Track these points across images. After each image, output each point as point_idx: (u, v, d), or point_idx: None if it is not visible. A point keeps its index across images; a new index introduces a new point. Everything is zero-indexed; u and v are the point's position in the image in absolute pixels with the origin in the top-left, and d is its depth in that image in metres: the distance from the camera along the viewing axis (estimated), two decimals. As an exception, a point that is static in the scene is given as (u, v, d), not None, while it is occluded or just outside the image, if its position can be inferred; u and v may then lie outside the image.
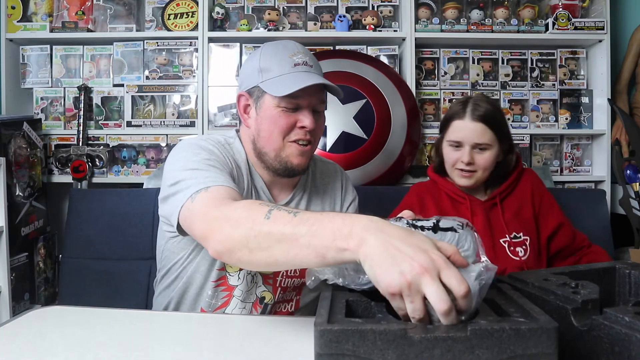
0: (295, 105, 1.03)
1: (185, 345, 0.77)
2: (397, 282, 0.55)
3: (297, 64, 1.03)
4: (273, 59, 1.04)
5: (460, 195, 1.36)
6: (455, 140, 1.33)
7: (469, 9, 2.25)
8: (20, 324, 0.87)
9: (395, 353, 0.52)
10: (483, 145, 1.31)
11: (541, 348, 0.52)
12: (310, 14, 2.26)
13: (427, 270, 0.54)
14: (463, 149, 1.32)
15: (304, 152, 1.05)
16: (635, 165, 2.04)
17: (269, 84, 1.03)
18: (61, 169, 2.15)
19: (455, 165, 1.34)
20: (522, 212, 1.36)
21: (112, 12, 2.22)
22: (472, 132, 1.30)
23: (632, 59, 2.32)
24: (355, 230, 0.61)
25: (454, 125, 1.34)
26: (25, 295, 1.95)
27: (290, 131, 1.04)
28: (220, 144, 1.07)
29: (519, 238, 1.33)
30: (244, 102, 1.10)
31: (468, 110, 1.32)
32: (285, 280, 1.10)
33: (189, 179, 0.91)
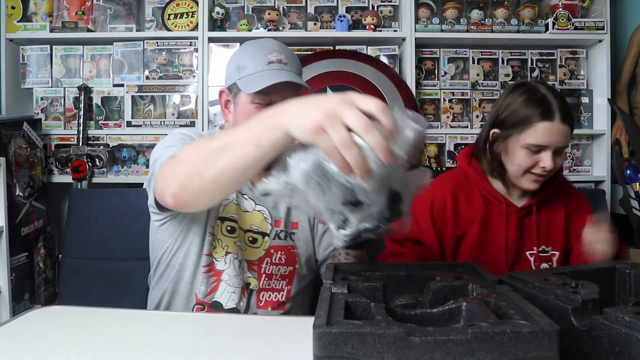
0: (268, 101, 1.06)
1: (184, 345, 0.77)
2: (316, 116, 0.58)
3: (271, 61, 1.07)
4: (250, 57, 1.10)
5: (496, 197, 1.22)
6: (539, 145, 1.14)
7: (469, 9, 2.25)
8: (20, 324, 0.87)
9: (395, 356, 0.52)
10: (563, 147, 1.16)
11: (542, 351, 0.52)
12: (310, 14, 2.26)
13: (343, 101, 0.58)
14: (544, 153, 1.14)
15: None
16: (635, 165, 2.04)
17: (243, 81, 1.07)
18: (61, 169, 2.15)
19: (532, 170, 1.16)
20: (554, 225, 1.25)
21: (112, 12, 2.22)
22: (560, 135, 1.13)
23: (632, 59, 2.32)
24: (280, 109, 0.65)
25: (539, 128, 1.13)
26: (25, 295, 1.95)
27: None
28: (202, 135, 1.12)
29: (547, 253, 1.23)
30: (224, 98, 1.15)
31: (556, 109, 1.13)
32: (270, 267, 1.13)
33: (162, 157, 0.97)
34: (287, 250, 1.14)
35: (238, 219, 1.11)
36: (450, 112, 2.27)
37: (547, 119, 1.12)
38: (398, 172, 0.66)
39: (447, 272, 0.79)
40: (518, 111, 1.16)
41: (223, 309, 1.09)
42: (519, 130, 1.15)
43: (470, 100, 2.27)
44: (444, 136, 2.23)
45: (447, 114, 2.26)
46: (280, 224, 1.14)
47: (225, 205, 1.11)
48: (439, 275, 0.77)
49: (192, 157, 0.78)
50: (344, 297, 0.65)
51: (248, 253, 1.12)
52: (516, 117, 1.16)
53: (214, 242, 1.10)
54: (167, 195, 0.82)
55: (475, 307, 0.61)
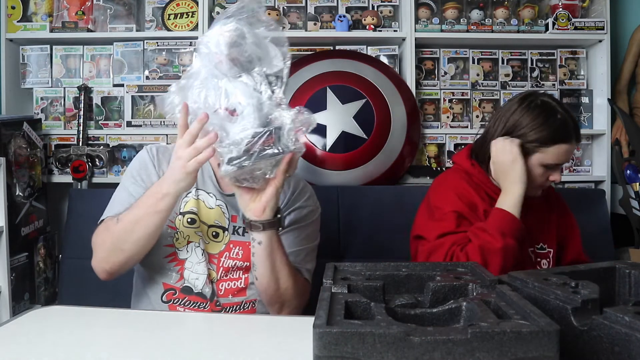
0: None
1: (184, 345, 0.77)
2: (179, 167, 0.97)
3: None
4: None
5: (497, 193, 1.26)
6: (557, 164, 1.23)
7: (469, 9, 2.24)
8: (20, 324, 0.87)
9: (395, 355, 0.52)
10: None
11: (542, 351, 0.52)
12: (310, 14, 2.26)
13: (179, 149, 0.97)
14: (556, 168, 1.24)
15: None
16: (635, 165, 2.04)
17: None
18: (61, 169, 2.15)
19: (543, 184, 1.26)
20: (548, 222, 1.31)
21: (112, 12, 2.22)
22: (573, 152, 1.26)
23: (632, 59, 2.32)
24: (160, 182, 1.01)
25: (561, 149, 1.21)
26: (25, 295, 1.95)
27: None
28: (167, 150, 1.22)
29: (544, 250, 1.28)
30: None
31: (572, 130, 1.21)
32: (227, 261, 1.17)
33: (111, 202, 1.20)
34: (244, 246, 1.16)
35: (198, 212, 1.16)
36: (450, 112, 2.27)
37: (566, 142, 1.20)
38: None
39: (447, 272, 0.79)
40: (540, 131, 1.20)
41: (194, 293, 1.13)
42: (539, 149, 1.21)
43: (470, 100, 2.27)
44: (444, 136, 2.23)
45: (447, 114, 2.26)
46: (236, 219, 1.17)
47: (186, 202, 1.17)
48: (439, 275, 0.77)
49: (111, 238, 1.04)
50: (344, 297, 0.65)
51: (210, 246, 1.16)
52: (537, 136, 1.20)
53: (176, 234, 1.15)
54: (100, 273, 1.10)
55: (475, 307, 0.61)
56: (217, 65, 0.89)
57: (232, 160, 0.87)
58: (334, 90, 2.00)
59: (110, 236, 1.06)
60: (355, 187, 1.91)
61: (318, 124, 1.97)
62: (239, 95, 0.87)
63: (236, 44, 0.89)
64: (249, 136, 0.86)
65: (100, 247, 1.09)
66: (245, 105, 0.86)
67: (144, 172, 1.19)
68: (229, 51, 0.88)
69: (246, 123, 0.86)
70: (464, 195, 1.24)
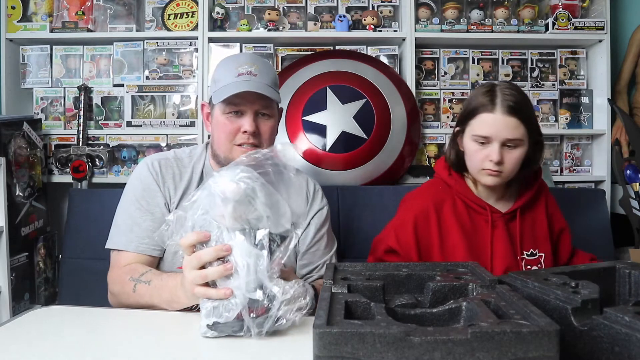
0: (237, 110, 1.13)
1: (185, 345, 0.77)
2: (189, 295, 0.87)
3: (241, 73, 1.13)
4: (223, 70, 1.16)
5: (480, 205, 1.23)
6: (483, 136, 1.17)
7: (469, 9, 2.25)
8: (20, 324, 0.87)
9: (395, 355, 0.52)
10: (514, 141, 1.15)
11: (542, 351, 0.52)
12: (310, 14, 2.26)
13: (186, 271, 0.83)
14: (491, 145, 1.16)
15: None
16: (635, 165, 2.04)
17: (215, 94, 1.14)
18: (61, 169, 2.15)
19: (482, 164, 1.18)
20: (537, 227, 1.26)
21: (112, 12, 2.22)
22: (503, 126, 1.15)
23: (632, 59, 2.32)
24: (174, 299, 0.93)
25: (481, 119, 1.17)
26: (25, 295, 1.95)
27: (235, 135, 1.14)
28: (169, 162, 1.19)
29: (535, 255, 1.24)
30: (206, 111, 1.24)
31: (498, 101, 1.15)
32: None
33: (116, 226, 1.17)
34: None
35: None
36: (450, 112, 2.27)
37: (487, 111, 1.16)
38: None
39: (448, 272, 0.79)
40: (469, 105, 1.22)
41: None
42: (467, 123, 1.21)
43: (470, 100, 2.27)
44: (444, 136, 2.23)
45: (447, 114, 2.26)
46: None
47: None
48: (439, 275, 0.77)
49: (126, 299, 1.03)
50: (344, 297, 0.65)
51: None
52: (467, 110, 1.22)
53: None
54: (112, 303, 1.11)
55: (475, 307, 0.61)
56: (218, 218, 0.80)
57: (217, 326, 0.78)
58: (334, 90, 2.00)
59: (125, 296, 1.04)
60: (355, 187, 1.91)
61: (318, 124, 1.98)
62: (236, 253, 0.78)
63: (244, 202, 0.79)
64: (241, 304, 0.76)
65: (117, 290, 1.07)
66: (241, 267, 0.77)
67: (148, 195, 1.15)
68: (234, 208, 0.78)
69: (240, 283, 0.77)
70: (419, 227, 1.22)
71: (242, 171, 0.80)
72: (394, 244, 1.24)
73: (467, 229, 1.22)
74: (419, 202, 1.27)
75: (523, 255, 1.23)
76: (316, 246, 1.24)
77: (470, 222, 1.23)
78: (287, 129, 1.99)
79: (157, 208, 1.14)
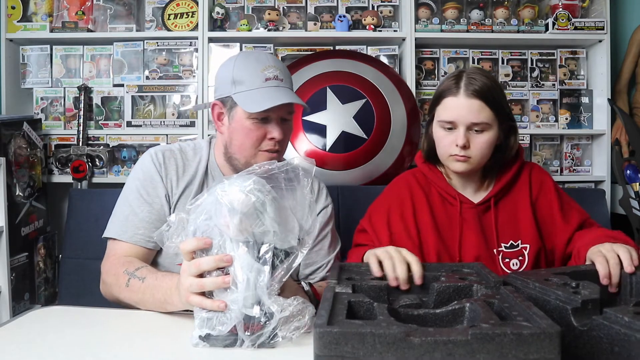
0: (264, 116, 1.10)
1: (185, 345, 0.77)
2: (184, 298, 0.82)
3: (268, 78, 1.09)
4: (245, 71, 1.10)
5: (452, 195, 1.21)
6: (447, 121, 1.14)
7: (469, 9, 2.24)
8: (20, 324, 0.87)
9: (395, 356, 0.52)
10: (480, 125, 1.12)
11: (543, 353, 0.52)
12: (310, 14, 2.26)
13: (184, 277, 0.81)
14: (457, 130, 1.13)
15: (272, 158, 1.12)
16: (635, 165, 2.04)
17: (241, 97, 1.09)
18: (61, 169, 2.15)
19: (449, 150, 1.15)
20: (520, 215, 1.20)
21: (112, 12, 2.22)
22: (467, 110, 1.11)
23: (632, 59, 2.32)
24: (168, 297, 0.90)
25: (445, 103, 1.15)
26: (25, 295, 1.95)
27: (262, 142, 1.13)
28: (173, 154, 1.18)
29: (516, 247, 1.17)
30: (217, 111, 1.18)
31: (462, 84, 1.13)
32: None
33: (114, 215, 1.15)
34: None
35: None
36: (450, 112, 2.26)
37: (451, 94, 1.13)
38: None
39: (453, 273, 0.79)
40: (436, 92, 1.20)
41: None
42: (434, 109, 1.19)
43: (470, 100, 2.27)
44: (444, 136, 2.23)
45: (447, 114, 2.26)
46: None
47: None
48: (444, 275, 0.77)
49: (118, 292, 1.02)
50: (348, 297, 0.65)
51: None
52: (434, 98, 1.20)
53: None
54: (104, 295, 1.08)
55: (478, 308, 0.61)
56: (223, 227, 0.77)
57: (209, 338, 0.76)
58: (334, 90, 2.00)
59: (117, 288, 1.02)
60: (355, 187, 1.90)
61: (318, 124, 1.98)
62: (237, 266, 0.75)
63: (251, 215, 0.76)
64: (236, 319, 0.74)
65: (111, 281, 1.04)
66: (240, 281, 0.75)
67: (150, 186, 1.13)
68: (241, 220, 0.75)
69: (237, 298, 0.75)
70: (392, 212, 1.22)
71: (254, 182, 0.77)
72: (367, 224, 1.25)
73: (440, 219, 1.20)
74: (395, 189, 1.28)
75: (501, 247, 1.17)
76: (319, 245, 1.23)
77: (443, 212, 1.21)
78: (287, 129, 1.99)
79: (157, 199, 1.13)
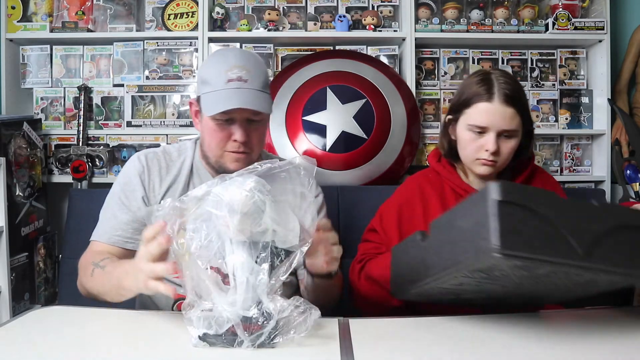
0: (228, 117, 1.09)
1: (185, 345, 0.77)
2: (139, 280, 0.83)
3: (231, 79, 1.07)
4: (211, 72, 1.11)
5: (467, 191, 1.21)
6: (479, 125, 1.14)
7: (469, 9, 2.24)
8: (20, 324, 0.87)
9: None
10: (510, 131, 1.14)
11: None
12: (310, 14, 2.26)
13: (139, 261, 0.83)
14: (487, 135, 1.14)
15: (240, 158, 1.13)
16: (635, 165, 2.04)
17: (205, 99, 1.10)
18: (61, 169, 2.15)
19: (476, 154, 1.17)
20: None
21: (112, 12, 2.22)
22: (501, 117, 1.13)
23: (632, 59, 2.32)
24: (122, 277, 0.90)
25: (478, 108, 1.15)
26: (25, 295, 1.95)
27: (226, 142, 1.12)
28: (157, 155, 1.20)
29: None
30: (194, 109, 1.19)
31: (495, 90, 1.13)
32: None
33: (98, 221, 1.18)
34: None
35: None
36: (450, 112, 2.27)
37: (486, 100, 1.13)
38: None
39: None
40: (464, 93, 1.19)
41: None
42: (462, 112, 1.18)
43: (470, 100, 2.27)
44: (444, 136, 2.23)
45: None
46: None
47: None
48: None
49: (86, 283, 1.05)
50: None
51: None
52: (462, 98, 1.19)
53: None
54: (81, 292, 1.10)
55: None
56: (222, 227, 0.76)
57: (207, 337, 0.75)
58: (334, 90, 2.00)
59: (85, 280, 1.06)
60: (355, 187, 1.90)
61: (318, 123, 1.98)
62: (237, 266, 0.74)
63: (252, 216, 0.76)
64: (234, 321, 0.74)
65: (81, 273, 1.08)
66: (239, 282, 0.74)
67: (128, 189, 1.16)
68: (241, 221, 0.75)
69: (236, 298, 0.74)
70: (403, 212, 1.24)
71: (254, 182, 0.77)
72: (377, 224, 1.27)
73: None
74: (405, 189, 1.30)
75: None
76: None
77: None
78: (287, 129, 1.99)
79: (135, 202, 1.15)
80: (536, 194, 0.72)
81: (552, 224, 0.68)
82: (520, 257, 0.65)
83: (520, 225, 0.66)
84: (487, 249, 0.65)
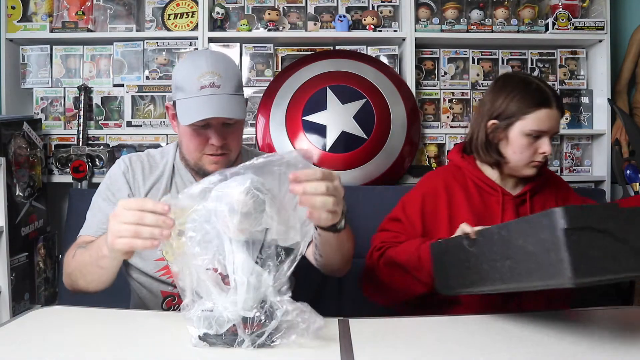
0: (204, 124, 1.09)
1: (185, 345, 0.77)
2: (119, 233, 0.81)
3: (204, 86, 1.07)
4: (184, 78, 1.10)
5: (492, 187, 1.26)
6: (541, 130, 1.20)
7: (469, 9, 2.24)
8: (20, 324, 0.87)
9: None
10: (556, 133, 1.25)
11: None
12: (310, 14, 2.26)
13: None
14: (544, 138, 1.21)
15: (218, 161, 1.14)
16: (635, 165, 2.04)
17: (180, 105, 1.10)
18: (61, 169, 2.15)
19: (533, 157, 1.22)
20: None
21: (112, 12, 2.22)
22: (556, 121, 1.23)
23: (632, 59, 2.32)
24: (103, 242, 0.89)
25: (540, 114, 1.20)
26: (25, 295, 1.95)
27: (204, 147, 1.13)
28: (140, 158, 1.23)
29: None
30: (171, 112, 1.19)
31: (551, 96, 1.22)
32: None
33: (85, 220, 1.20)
34: None
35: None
36: (450, 112, 2.27)
37: (545, 106, 1.20)
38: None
39: None
40: (517, 100, 1.22)
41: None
42: (520, 118, 1.21)
43: (470, 100, 2.27)
44: (444, 136, 2.23)
45: (447, 114, 2.26)
46: None
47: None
48: None
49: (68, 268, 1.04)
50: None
51: None
52: (516, 106, 1.22)
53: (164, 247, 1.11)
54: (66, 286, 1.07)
55: None
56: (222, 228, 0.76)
57: (208, 337, 0.75)
58: (334, 90, 2.00)
59: (68, 266, 1.05)
60: (355, 187, 1.91)
61: (318, 123, 1.98)
62: (238, 268, 0.74)
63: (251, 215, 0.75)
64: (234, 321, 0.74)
65: (65, 266, 1.08)
66: (240, 283, 0.73)
67: (115, 187, 1.18)
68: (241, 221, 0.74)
69: (237, 299, 0.73)
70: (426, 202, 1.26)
71: (253, 182, 0.76)
72: (400, 213, 1.28)
73: (477, 209, 1.24)
74: (429, 181, 1.33)
75: None
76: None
77: (481, 202, 1.26)
78: (287, 129, 1.99)
79: (121, 197, 1.16)
80: (598, 212, 0.72)
81: (618, 239, 0.69)
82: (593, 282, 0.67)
83: (589, 249, 0.67)
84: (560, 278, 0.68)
